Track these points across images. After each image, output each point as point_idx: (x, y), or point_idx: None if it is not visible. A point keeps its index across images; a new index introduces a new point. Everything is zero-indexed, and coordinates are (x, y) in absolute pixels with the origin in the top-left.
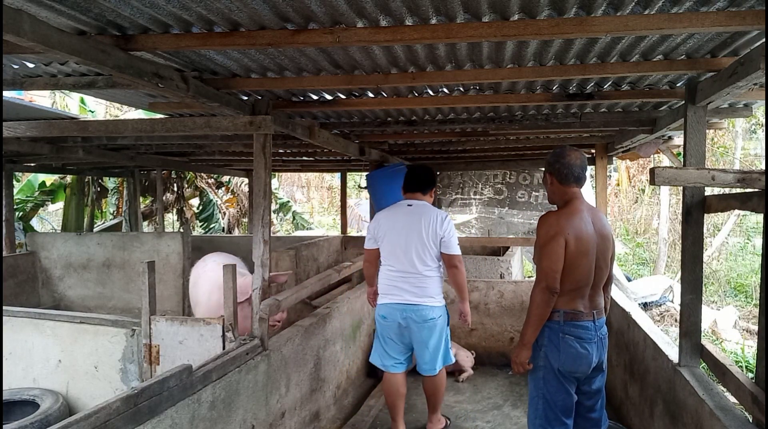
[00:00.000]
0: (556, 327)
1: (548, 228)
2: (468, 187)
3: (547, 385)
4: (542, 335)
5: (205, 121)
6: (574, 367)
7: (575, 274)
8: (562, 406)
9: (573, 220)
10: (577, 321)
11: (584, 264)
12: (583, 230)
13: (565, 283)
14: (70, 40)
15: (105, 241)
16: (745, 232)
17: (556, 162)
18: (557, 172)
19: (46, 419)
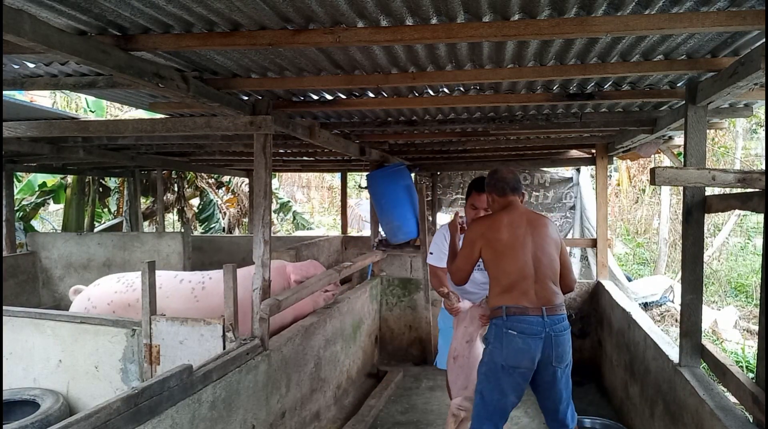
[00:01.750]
0: (500, 322)
1: (469, 233)
2: None
3: (486, 382)
4: (489, 333)
5: (205, 121)
6: (516, 362)
7: (504, 268)
8: (494, 407)
9: (491, 223)
10: (520, 315)
11: (513, 259)
12: (502, 230)
13: (499, 279)
14: (71, 40)
15: (105, 241)
16: (745, 232)
17: (492, 180)
18: (495, 187)
19: (46, 419)
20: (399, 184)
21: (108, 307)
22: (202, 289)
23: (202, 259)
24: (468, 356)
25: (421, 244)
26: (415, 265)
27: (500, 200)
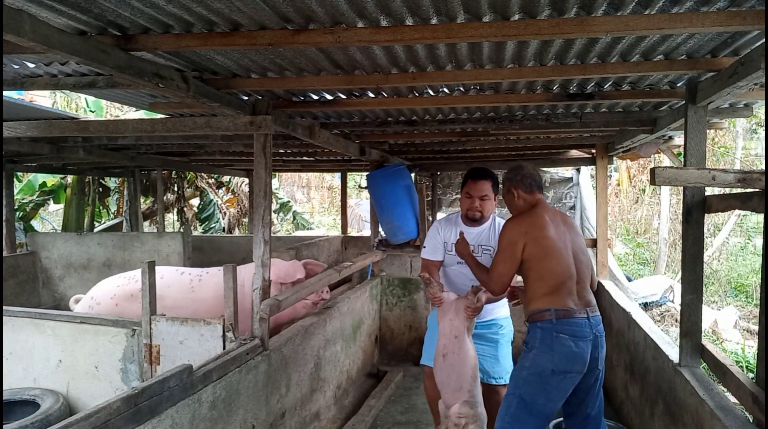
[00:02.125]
0: (549, 326)
1: (508, 233)
2: None
3: (528, 386)
4: (533, 337)
5: (205, 121)
6: (569, 366)
7: (552, 268)
8: (538, 412)
9: (532, 220)
10: (569, 318)
11: (559, 258)
12: (547, 228)
13: (545, 279)
14: (71, 40)
15: (105, 241)
16: (745, 232)
17: (518, 175)
18: (522, 183)
19: (46, 419)
20: (399, 184)
21: (111, 300)
22: (199, 281)
23: (202, 259)
24: (458, 353)
25: (421, 244)
26: (415, 265)
27: (527, 197)
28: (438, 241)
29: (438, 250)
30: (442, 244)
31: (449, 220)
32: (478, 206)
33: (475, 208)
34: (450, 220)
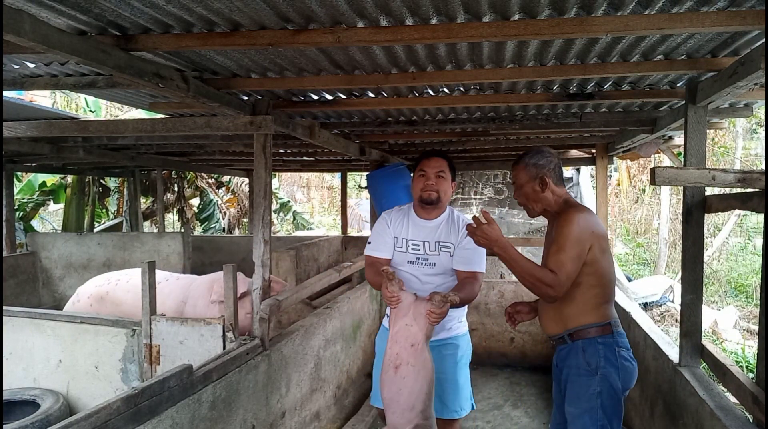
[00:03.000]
0: (611, 342)
1: (581, 228)
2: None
3: (612, 411)
4: (596, 356)
5: (205, 121)
6: (630, 384)
7: (610, 275)
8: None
9: (594, 218)
10: (621, 330)
11: (612, 263)
12: (604, 229)
13: (604, 287)
14: (71, 40)
15: (105, 241)
16: (745, 232)
17: (551, 162)
18: (554, 173)
19: (46, 419)
20: (399, 184)
21: (87, 300)
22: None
23: (202, 259)
24: (414, 364)
25: None
26: None
27: (558, 191)
28: (387, 235)
29: (386, 245)
30: (391, 238)
31: (401, 211)
32: (434, 184)
33: (430, 186)
34: (402, 211)
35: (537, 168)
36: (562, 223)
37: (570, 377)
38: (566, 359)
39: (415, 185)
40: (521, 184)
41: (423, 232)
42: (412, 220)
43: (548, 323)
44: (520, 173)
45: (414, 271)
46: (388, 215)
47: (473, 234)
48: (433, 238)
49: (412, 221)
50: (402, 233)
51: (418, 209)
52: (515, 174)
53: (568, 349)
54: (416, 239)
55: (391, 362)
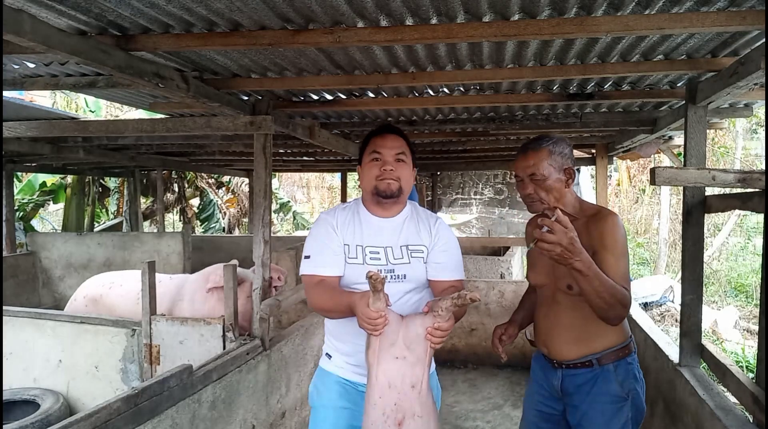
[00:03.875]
0: (634, 360)
1: (623, 231)
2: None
3: None
4: (628, 378)
5: (205, 121)
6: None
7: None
8: None
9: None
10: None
11: None
12: None
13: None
14: (71, 40)
15: (105, 241)
16: (745, 232)
17: (572, 153)
18: (573, 162)
19: (46, 419)
20: None
21: (83, 300)
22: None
23: (202, 259)
24: (422, 413)
25: None
26: None
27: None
28: (333, 243)
29: (335, 258)
30: (340, 247)
31: (347, 208)
32: (393, 170)
33: (388, 173)
34: (349, 209)
35: (563, 158)
36: (608, 229)
37: (594, 406)
38: (586, 386)
39: (367, 173)
40: (545, 175)
41: (383, 235)
42: (365, 219)
43: (564, 347)
44: (543, 162)
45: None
46: (330, 215)
47: (548, 240)
48: (397, 241)
49: (365, 221)
50: (354, 238)
51: (371, 205)
52: (536, 162)
53: (593, 376)
54: (375, 245)
55: (388, 419)
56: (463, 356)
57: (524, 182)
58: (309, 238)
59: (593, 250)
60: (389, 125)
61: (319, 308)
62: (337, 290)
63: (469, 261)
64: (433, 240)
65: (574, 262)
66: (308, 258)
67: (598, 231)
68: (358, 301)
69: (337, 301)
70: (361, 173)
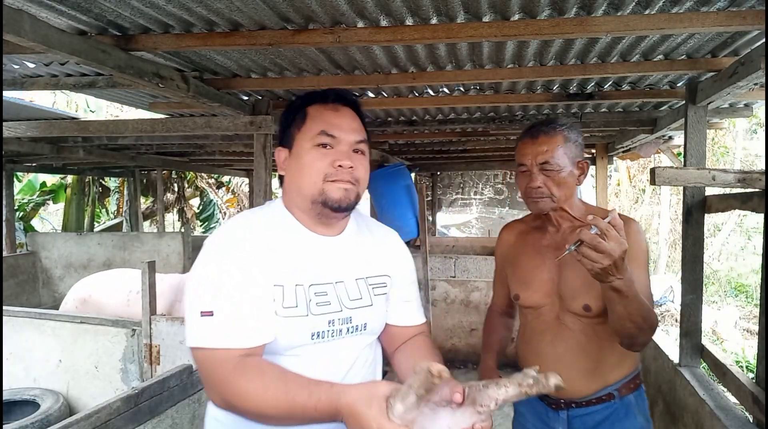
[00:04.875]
0: (643, 393)
1: (645, 239)
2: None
3: None
4: (644, 406)
5: (205, 121)
6: None
7: None
8: None
9: None
10: None
11: None
12: None
13: None
14: (71, 40)
15: (105, 241)
16: (745, 232)
17: (581, 136)
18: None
19: (46, 419)
20: (399, 184)
21: (73, 302)
22: (136, 294)
23: None
24: None
25: (421, 243)
26: (415, 265)
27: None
28: (253, 286)
29: (261, 313)
30: (267, 292)
31: (267, 221)
32: (352, 168)
33: (346, 172)
34: (271, 224)
35: (577, 148)
36: (632, 238)
37: None
38: (605, 425)
39: (308, 166)
40: (560, 166)
41: (330, 264)
42: (302, 240)
43: (578, 381)
44: (558, 149)
45: (326, 355)
46: (241, 235)
47: (599, 248)
48: (351, 272)
49: (302, 243)
50: (290, 274)
51: (308, 218)
52: (550, 149)
53: (611, 412)
54: (321, 281)
55: None
56: (463, 356)
57: (532, 173)
58: (205, 279)
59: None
60: (342, 92)
61: (252, 410)
62: (293, 380)
63: (469, 261)
64: (397, 266)
65: (614, 281)
66: (210, 316)
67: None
68: (364, 405)
69: (301, 402)
70: (290, 164)
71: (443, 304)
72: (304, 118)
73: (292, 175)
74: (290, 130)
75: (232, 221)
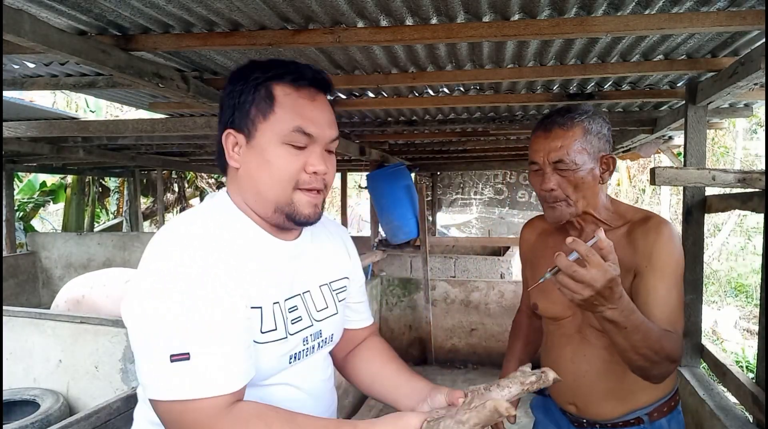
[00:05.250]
0: (680, 416)
1: (680, 247)
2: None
3: None
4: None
5: (205, 121)
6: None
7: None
8: None
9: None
10: None
11: None
12: None
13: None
14: (71, 40)
15: (105, 241)
16: (745, 232)
17: (611, 135)
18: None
19: (46, 419)
20: (399, 184)
21: (64, 304)
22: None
23: None
24: None
25: (421, 244)
26: (415, 265)
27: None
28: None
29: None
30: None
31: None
32: (324, 171)
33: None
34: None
35: (600, 140)
36: (661, 244)
37: None
38: None
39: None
40: (577, 164)
41: (296, 272)
42: (268, 248)
43: (602, 403)
44: (576, 144)
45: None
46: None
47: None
48: (315, 278)
49: (268, 252)
50: (266, 291)
51: (267, 222)
52: (565, 144)
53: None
54: (291, 294)
55: None
56: (463, 356)
57: (545, 173)
58: (168, 314)
59: (636, 272)
60: (318, 72)
61: None
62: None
63: (469, 261)
64: (353, 264)
65: (605, 311)
66: (185, 359)
67: (647, 245)
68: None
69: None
70: (248, 156)
71: (443, 304)
72: (271, 102)
73: (250, 172)
74: (249, 113)
75: (180, 230)
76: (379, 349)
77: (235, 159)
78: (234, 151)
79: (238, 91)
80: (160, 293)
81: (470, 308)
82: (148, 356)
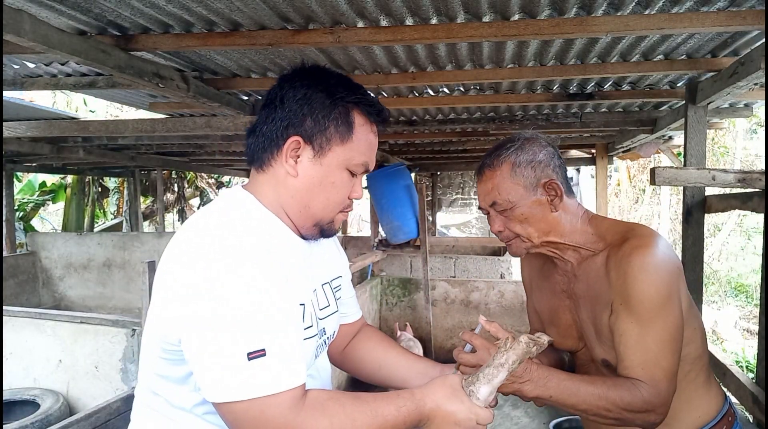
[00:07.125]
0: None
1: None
2: (468, 187)
3: None
4: None
5: (205, 121)
6: None
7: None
8: None
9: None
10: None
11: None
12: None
13: (703, 356)
14: (71, 40)
15: (105, 241)
16: (745, 232)
17: (552, 155)
18: (561, 172)
19: (46, 419)
20: (399, 184)
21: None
22: None
23: None
24: None
25: (421, 244)
26: (415, 265)
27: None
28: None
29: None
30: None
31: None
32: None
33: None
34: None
35: (535, 168)
36: (633, 275)
37: None
38: None
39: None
40: (512, 201)
41: (310, 270)
42: (299, 247)
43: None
44: (506, 182)
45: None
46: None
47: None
48: (320, 276)
49: (300, 251)
50: (304, 289)
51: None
52: (495, 185)
53: None
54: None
55: None
56: None
57: (490, 216)
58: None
59: (612, 308)
60: (386, 115)
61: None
62: (372, 400)
63: (469, 261)
64: (345, 262)
65: (521, 388)
66: (262, 355)
67: (619, 277)
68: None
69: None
70: (311, 171)
71: (443, 304)
72: (350, 129)
73: (308, 186)
74: (327, 130)
75: (234, 229)
76: (378, 337)
77: (293, 167)
78: (299, 161)
79: (317, 101)
80: (237, 289)
81: (470, 308)
82: (224, 357)
